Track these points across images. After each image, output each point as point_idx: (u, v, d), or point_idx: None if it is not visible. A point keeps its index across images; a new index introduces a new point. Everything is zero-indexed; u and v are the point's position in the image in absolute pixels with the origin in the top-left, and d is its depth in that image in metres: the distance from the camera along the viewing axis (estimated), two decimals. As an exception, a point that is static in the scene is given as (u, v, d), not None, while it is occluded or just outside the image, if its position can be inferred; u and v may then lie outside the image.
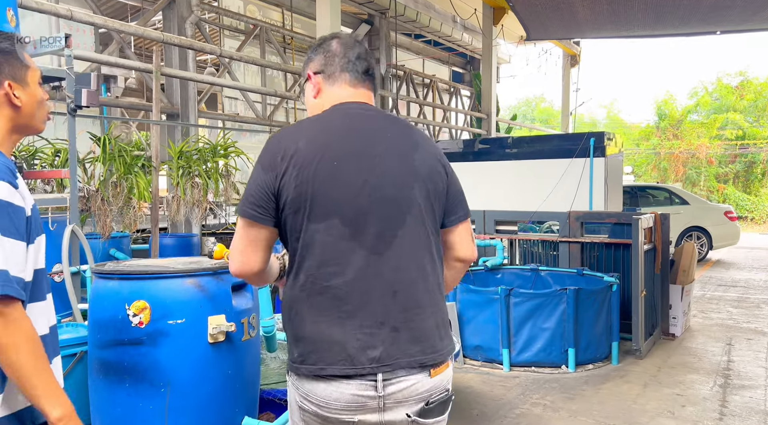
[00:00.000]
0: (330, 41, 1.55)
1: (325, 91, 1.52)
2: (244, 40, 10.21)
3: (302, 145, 1.38)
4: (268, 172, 1.38)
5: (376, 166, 1.39)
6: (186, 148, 6.55)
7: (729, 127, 26.48)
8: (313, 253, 1.36)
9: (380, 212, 1.38)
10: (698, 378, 4.35)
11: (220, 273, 2.13)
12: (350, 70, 1.52)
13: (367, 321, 1.35)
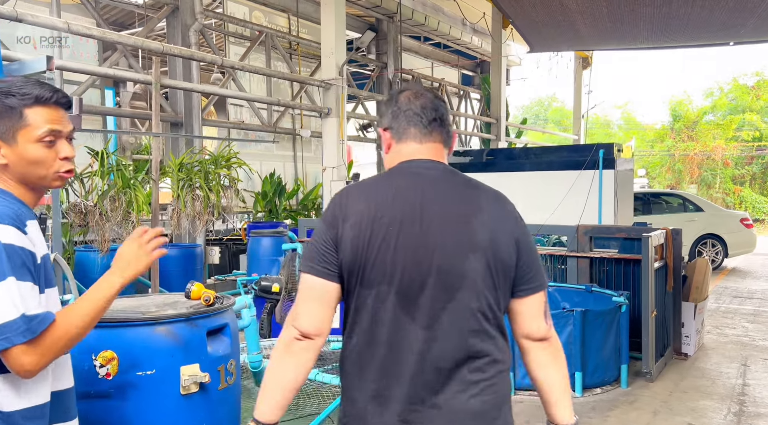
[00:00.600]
0: (398, 95, 1.51)
1: (393, 148, 1.49)
2: (249, 46, 10.13)
3: (362, 206, 1.36)
4: (331, 230, 1.37)
5: (430, 234, 1.34)
6: (186, 159, 6.47)
7: (746, 128, 26.01)
8: (363, 318, 1.35)
9: (430, 283, 1.33)
10: (711, 404, 4.17)
11: (195, 318, 2.01)
12: (415, 123, 1.46)
13: (410, 397, 1.33)
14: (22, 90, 1.34)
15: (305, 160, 11.98)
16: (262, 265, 7.25)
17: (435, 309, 1.32)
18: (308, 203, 11.02)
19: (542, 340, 1.43)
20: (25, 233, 1.29)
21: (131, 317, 1.92)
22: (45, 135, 1.35)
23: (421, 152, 1.45)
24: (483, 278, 1.34)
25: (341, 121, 8.55)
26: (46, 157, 1.36)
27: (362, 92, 11.72)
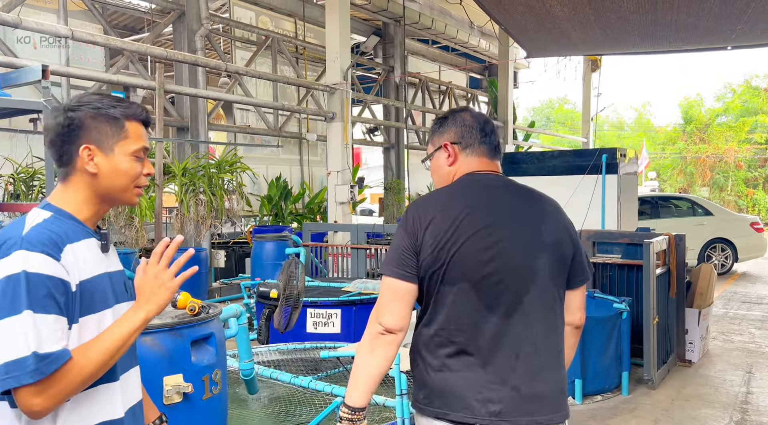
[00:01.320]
0: (462, 114, 1.71)
1: (460, 160, 1.66)
2: (255, 51, 10.18)
3: (438, 215, 1.54)
4: (411, 238, 1.55)
5: (503, 238, 1.53)
6: (190, 164, 6.51)
7: (758, 130, 25.71)
8: (444, 311, 1.53)
9: (506, 280, 1.51)
10: (713, 413, 4.12)
11: (179, 328, 2.01)
12: (486, 143, 1.67)
13: (490, 378, 1.50)
14: (121, 104, 1.36)
15: (311, 163, 12.00)
16: (266, 269, 7.27)
17: (511, 302, 1.51)
18: (314, 206, 11.05)
19: (577, 328, 1.70)
20: (58, 259, 1.21)
21: (114, 327, 1.93)
22: (139, 149, 1.36)
23: (489, 166, 1.66)
24: (550, 274, 1.56)
25: (346, 125, 8.56)
26: (135, 170, 1.35)
27: (368, 96, 11.74)
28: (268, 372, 3.31)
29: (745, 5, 2.97)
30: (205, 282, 7.78)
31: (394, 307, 1.53)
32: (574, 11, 3.14)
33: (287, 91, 11.51)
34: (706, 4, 3.01)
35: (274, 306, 4.29)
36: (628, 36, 3.86)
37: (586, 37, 3.91)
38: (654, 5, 3.08)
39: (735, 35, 3.76)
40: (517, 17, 3.37)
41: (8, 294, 1.16)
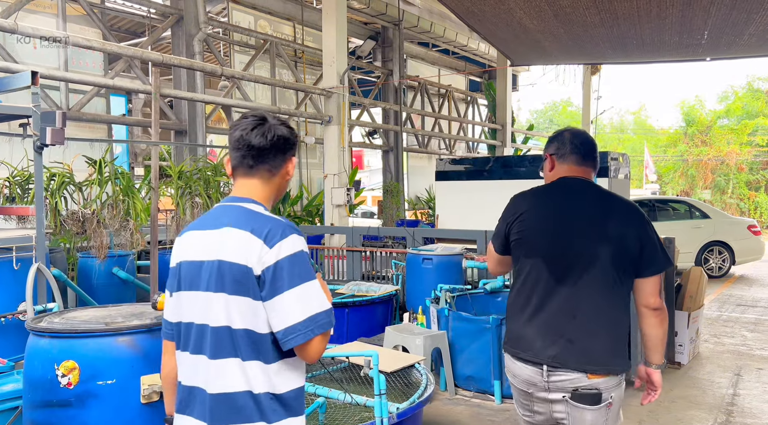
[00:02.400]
0: (564, 132, 2.23)
1: (556, 168, 2.18)
2: (254, 55, 10.26)
3: (528, 206, 2.12)
4: (505, 222, 2.16)
5: (574, 228, 2.04)
6: (187, 167, 6.57)
7: (760, 132, 25.67)
8: (524, 277, 2.08)
9: (571, 260, 2.02)
10: (698, 414, 4.15)
11: (157, 329, 2.07)
12: (576, 152, 2.15)
13: (551, 331, 2.01)
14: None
15: (310, 166, 12.06)
16: (261, 272, 7.33)
17: (573, 277, 2.01)
18: (312, 209, 11.10)
19: (655, 310, 2.05)
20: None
21: (93, 328, 1.99)
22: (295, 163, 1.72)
23: (576, 172, 2.14)
24: (612, 262, 1.99)
25: (342, 129, 8.62)
26: None
27: (366, 100, 11.80)
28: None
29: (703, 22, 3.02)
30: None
31: (496, 265, 2.28)
32: (542, 23, 3.18)
33: (286, 94, 11.58)
34: (666, 20, 3.05)
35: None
36: (599, 48, 3.90)
37: (560, 48, 3.95)
38: (616, 20, 3.12)
39: (702, 49, 3.80)
40: (492, 28, 3.42)
41: (302, 265, 1.47)
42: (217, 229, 1.53)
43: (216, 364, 1.48)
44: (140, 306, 2.40)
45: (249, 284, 1.46)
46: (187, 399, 1.53)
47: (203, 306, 1.50)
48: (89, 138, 6.85)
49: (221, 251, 1.50)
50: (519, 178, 6.27)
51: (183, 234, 1.62)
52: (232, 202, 1.58)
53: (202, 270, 1.52)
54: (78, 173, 5.80)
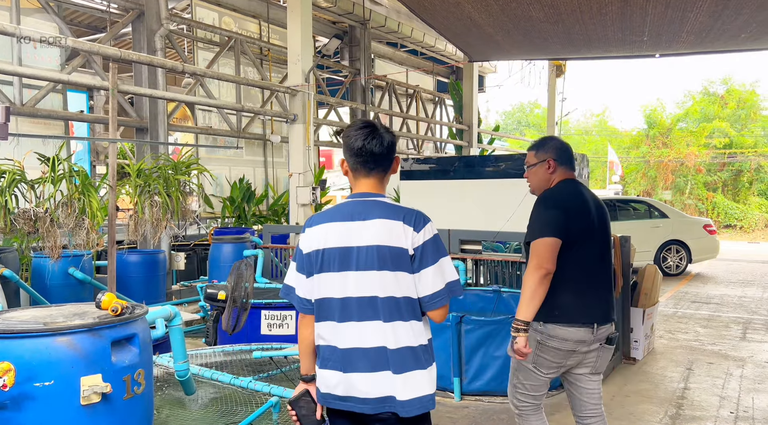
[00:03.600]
0: (555, 140, 2.82)
1: (558, 170, 2.74)
2: (218, 52, 10.12)
3: (574, 205, 2.67)
4: (567, 217, 2.64)
5: (595, 218, 2.68)
6: (146, 165, 6.45)
7: (716, 135, 26.47)
8: (573, 259, 2.60)
9: (601, 243, 2.71)
10: (650, 408, 4.26)
11: (98, 329, 2.02)
12: (571, 159, 2.78)
13: (597, 298, 2.65)
14: None
15: (276, 165, 11.97)
16: (223, 271, 7.23)
17: (605, 256, 2.71)
18: (278, 208, 11.02)
19: None
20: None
21: (30, 328, 1.93)
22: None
23: (572, 176, 2.76)
24: (608, 243, 2.74)
25: (308, 127, 8.58)
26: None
27: (333, 99, 11.76)
28: (209, 374, 3.32)
29: (641, 19, 3.10)
30: (163, 285, 7.70)
31: (553, 256, 2.53)
32: (491, 17, 3.23)
33: (251, 92, 11.47)
34: (606, 16, 3.13)
35: (222, 308, 4.29)
36: (549, 44, 3.97)
37: (512, 43, 4.01)
38: (560, 16, 3.18)
39: (646, 46, 3.91)
40: (445, 22, 3.44)
41: (439, 245, 1.93)
42: (365, 221, 1.92)
43: (392, 326, 1.89)
44: (84, 306, 2.34)
45: (406, 261, 1.90)
46: (348, 359, 1.90)
47: (367, 282, 1.89)
48: (43, 134, 6.66)
49: (379, 237, 1.90)
50: (484, 177, 6.33)
51: (314, 226, 1.98)
52: (365, 197, 1.97)
53: (356, 253, 1.90)
54: (32, 171, 5.64)
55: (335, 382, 1.91)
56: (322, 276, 1.93)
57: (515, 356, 2.60)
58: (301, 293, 1.98)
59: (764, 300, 8.59)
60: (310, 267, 1.96)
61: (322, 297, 1.93)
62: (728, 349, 5.85)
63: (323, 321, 1.94)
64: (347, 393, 1.90)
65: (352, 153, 1.98)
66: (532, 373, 2.68)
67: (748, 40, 3.63)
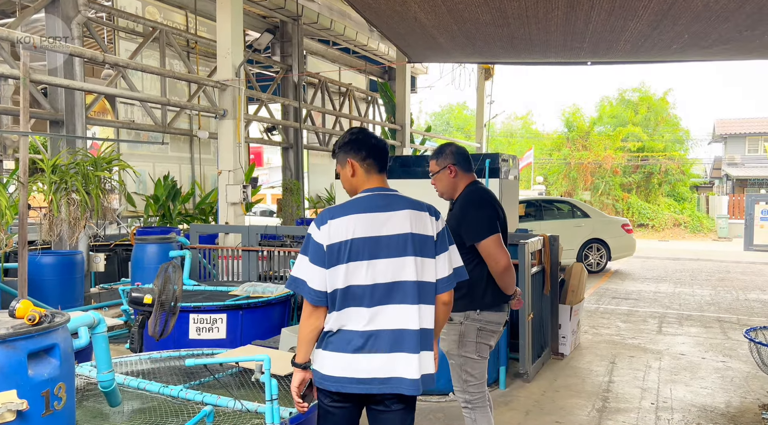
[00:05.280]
0: (452, 146, 3.06)
1: (459, 175, 2.97)
2: (141, 42, 9.64)
3: (495, 203, 2.98)
4: (498, 216, 3.00)
5: (502, 214, 3.01)
6: (61, 161, 6.03)
7: (630, 139, 28.07)
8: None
9: (505, 237, 2.97)
10: (579, 402, 4.41)
11: (12, 340, 1.83)
12: (469, 165, 3.01)
13: None
14: None
15: (203, 162, 11.56)
16: (148, 273, 6.88)
17: None
18: (206, 207, 10.63)
19: None
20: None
21: (-69, 341, 1.72)
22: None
23: (475, 178, 3.07)
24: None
25: (238, 123, 8.32)
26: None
27: (264, 95, 11.49)
28: (135, 383, 3.12)
29: (584, 25, 3.23)
30: (81, 288, 7.24)
31: (505, 251, 2.81)
32: (437, 19, 3.25)
33: (177, 85, 11.01)
34: (551, 21, 3.23)
35: (148, 313, 4.06)
36: (491, 47, 4.05)
37: (455, 45, 4.05)
38: (506, 20, 3.25)
39: (584, 52, 4.07)
40: (389, 22, 3.43)
41: (449, 234, 2.24)
42: (393, 211, 2.12)
43: (419, 308, 2.08)
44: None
45: (431, 248, 2.14)
46: (384, 342, 2.05)
47: (398, 268, 2.07)
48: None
49: (411, 226, 2.10)
50: (418, 177, 6.35)
51: (336, 219, 2.08)
52: (384, 192, 2.18)
53: (386, 242, 2.07)
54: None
55: (370, 366, 2.04)
56: (350, 266, 2.05)
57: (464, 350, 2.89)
58: (315, 285, 2.07)
59: (676, 295, 9.16)
60: (332, 258, 2.06)
61: (350, 285, 2.05)
62: (647, 343, 6.17)
63: (350, 308, 2.06)
64: (389, 374, 2.05)
65: (369, 152, 2.21)
66: (477, 362, 2.88)
67: (677, 51, 3.85)
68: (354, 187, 2.27)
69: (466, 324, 2.85)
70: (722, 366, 5.29)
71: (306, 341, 2.13)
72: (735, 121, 33.12)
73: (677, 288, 9.94)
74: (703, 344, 6.11)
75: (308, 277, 2.08)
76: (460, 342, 2.89)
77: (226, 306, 5.29)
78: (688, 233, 25.24)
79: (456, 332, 2.90)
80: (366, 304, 2.06)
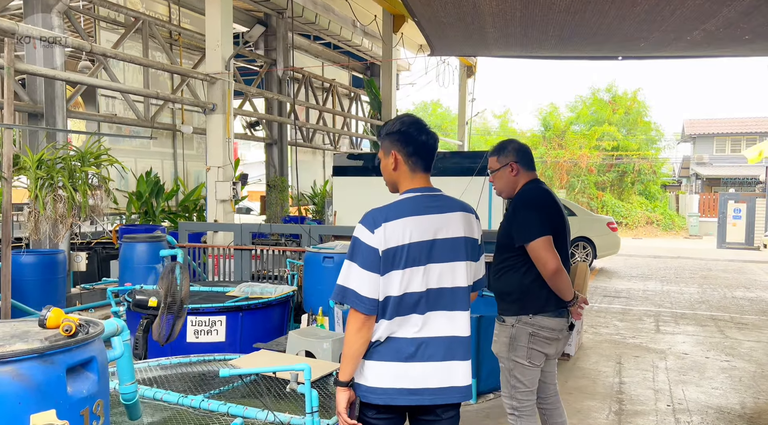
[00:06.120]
0: (515, 143, 2.89)
1: (521, 173, 2.84)
2: (123, 33, 9.28)
3: (554, 204, 2.85)
4: (552, 218, 2.81)
5: (564, 216, 2.89)
6: (47, 155, 5.72)
7: (606, 138, 28.49)
8: None
9: (565, 239, 2.92)
10: (594, 404, 4.35)
11: (51, 354, 1.64)
12: (531, 163, 2.89)
13: None
14: None
15: (186, 157, 11.24)
16: (137, 274, 6.61)
17: (567, 253, 2.88)
18: (189, 204, 10.33)
19: None
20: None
21: (-39, 358, 1.52)
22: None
23: (536, 176, 2.95)
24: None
25: (228, 118, 8.07)
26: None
27: (251, 88, 11.22)
28: (150, 393, 2.93)
29: (670, 14, 3.14)
30: (63, 288, 6.91)
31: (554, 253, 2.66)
32: (502, 4, 3.11)
33: (159, 79, 10.66)
34: (637, 7, 3.13)
35: (153, 316, 3.84)
36: (544, 36, 3.94)
37: (501, 35, 3.94)
38: (585, 5, 3.14)
39: (649, 43, 3.99)
40: (437, 8, 3.28)
41: None
42: (445, 213, 2.00)
43: (466, 315, 2.02)
44: (21, 324, 1.91)
45: (477, 252, 2.08)
46: (421, 348, 1.94)
47: (451, 273, 1.98)
48: None
49: (463, 229, 2.01)
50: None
51: (391, 222, 1.93)
52: (432, 192, 2.04)
53: (440, 246, 1.96)
54: None
55: (423, 374, 1.94)
56: (406, 272, 1.93)
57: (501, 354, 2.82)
58: (368, 292, 1.92)
59: (665, 294, 9.25)
60: (387, 264, 1.92)
61: (406, 293, 1.93)
62: (648, 342, 6.17)
63: (403, 316, 1.94)
64: (443, 383, 1.96)
65: (417, 148, 2.03)
66: (528, 368, 2.77)
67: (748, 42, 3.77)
68: (394, 182, 2.10)
69: (518, 327, 2.75)
70: (728, 366, 5.30)
71: (354, 357, 1.96)
72: (704, 121, 33.94)
73: (665, 286, 10.05)
74: (703, 343, 6.14)
75: (359, 286, 1.93)
76: (510, 346, 2.78)
77: (226, 308, 5.10)
78: (661, 231, 25.75)
79: (507, 335, 2.79)
80: (419, 311, 1.96)
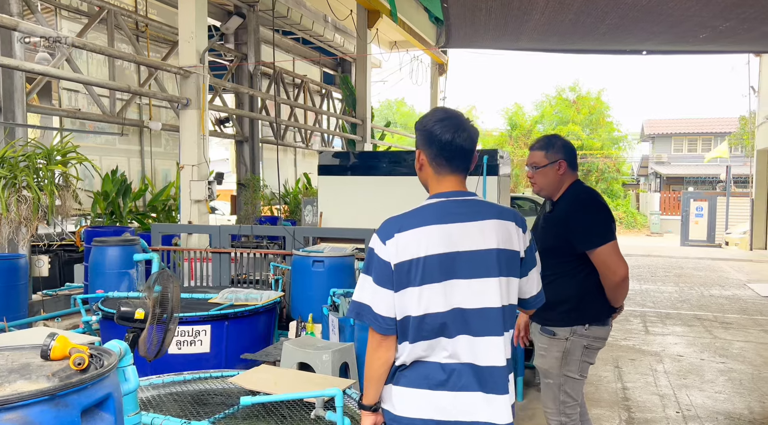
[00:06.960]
0: (563, 140, 2.72)
1: (567, 172, 2.67)
2: (87, 23, 8.75)
3: (606, 204, 2.74)
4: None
5: None
6: (10, 153, 5.27)
7: (570, 137, 28.93)
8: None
9: None
10: (603, 413, 4.23)
11: (63, 395, 1.35)
12: (576, 162, 2.77)
13: None
14: None
15: (154, 155, 10.73)
16: (108, 280, 6.16)
17: None
18: (158, 204, 9.83)
19: None
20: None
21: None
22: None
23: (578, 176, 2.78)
24: None
25: (203, 114, 7.67)
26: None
27: (225, 83, 10.78)
28: (148, 419, 2.63)
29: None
30: (25, 296, 6.40)
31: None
32: None
33: (125, 72, 10.13)
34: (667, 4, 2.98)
35: (139, 329, 3.50)
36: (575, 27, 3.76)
37: (548, 21, 3.73)
38: None
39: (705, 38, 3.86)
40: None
41: (535, 247, 1.91)
42: (475, 222, 1.74)
43: (505, 339, 1.75)
44: (16, 355, 1.60)
45: (518, 266, 1.79)
46: (453, 376, 1.71)
47: (482, 290, 1.72)
48: None
49: (498, 240, 1.74)
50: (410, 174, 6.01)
51: (405, 232, 1.72)
52: (462, 197, 1.80)
53: (467, 259, 1.71)
54: None
55: (454, 406, 1.72)
56: (423, 289, 1.70)
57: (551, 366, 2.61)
58: (383, 311, 1.72)
59: (645, 293, 9.30)
60: (401, 279, 1.71)
61: (427, 313, 1.70)
62: (640, 344, 6.12)
63: (431, 340, 1.72)
64: (476, 418, 1.72)
65: (441, 149, 1.80)
66: (578, 381, 2.61)
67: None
68: (424, 181, 1.93)
69: (572, 339, 2.55)
70: (724, 368, 5.27)
71: (376, 378, 1.79)
72: (662, 121, 34.91)
73: (642, 285, 10.12)
74: (694, 344, 6.12)
75: (374, 302, 1.73)
76: (563, 361, 2.58)
77: (211, 317, 4.77)
78: (624, 229, 26.27)
79: (560, 349, 2.58)
80: (447, 334, 1.73)
